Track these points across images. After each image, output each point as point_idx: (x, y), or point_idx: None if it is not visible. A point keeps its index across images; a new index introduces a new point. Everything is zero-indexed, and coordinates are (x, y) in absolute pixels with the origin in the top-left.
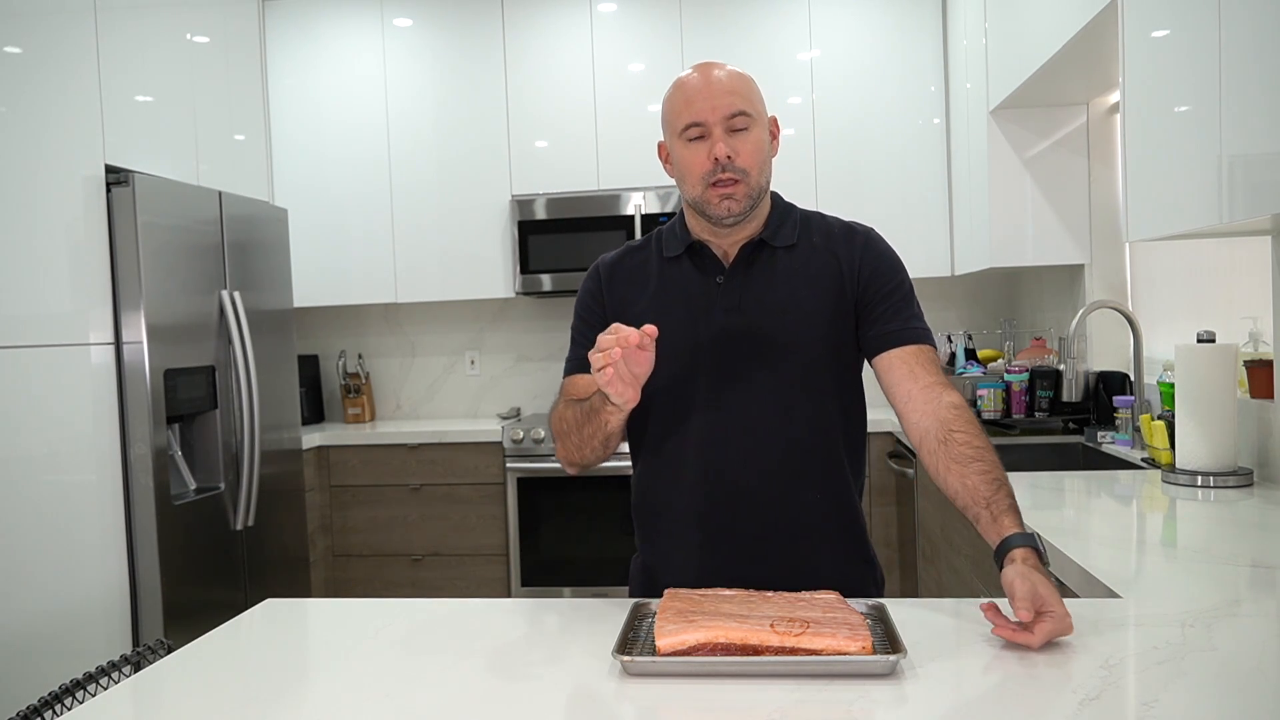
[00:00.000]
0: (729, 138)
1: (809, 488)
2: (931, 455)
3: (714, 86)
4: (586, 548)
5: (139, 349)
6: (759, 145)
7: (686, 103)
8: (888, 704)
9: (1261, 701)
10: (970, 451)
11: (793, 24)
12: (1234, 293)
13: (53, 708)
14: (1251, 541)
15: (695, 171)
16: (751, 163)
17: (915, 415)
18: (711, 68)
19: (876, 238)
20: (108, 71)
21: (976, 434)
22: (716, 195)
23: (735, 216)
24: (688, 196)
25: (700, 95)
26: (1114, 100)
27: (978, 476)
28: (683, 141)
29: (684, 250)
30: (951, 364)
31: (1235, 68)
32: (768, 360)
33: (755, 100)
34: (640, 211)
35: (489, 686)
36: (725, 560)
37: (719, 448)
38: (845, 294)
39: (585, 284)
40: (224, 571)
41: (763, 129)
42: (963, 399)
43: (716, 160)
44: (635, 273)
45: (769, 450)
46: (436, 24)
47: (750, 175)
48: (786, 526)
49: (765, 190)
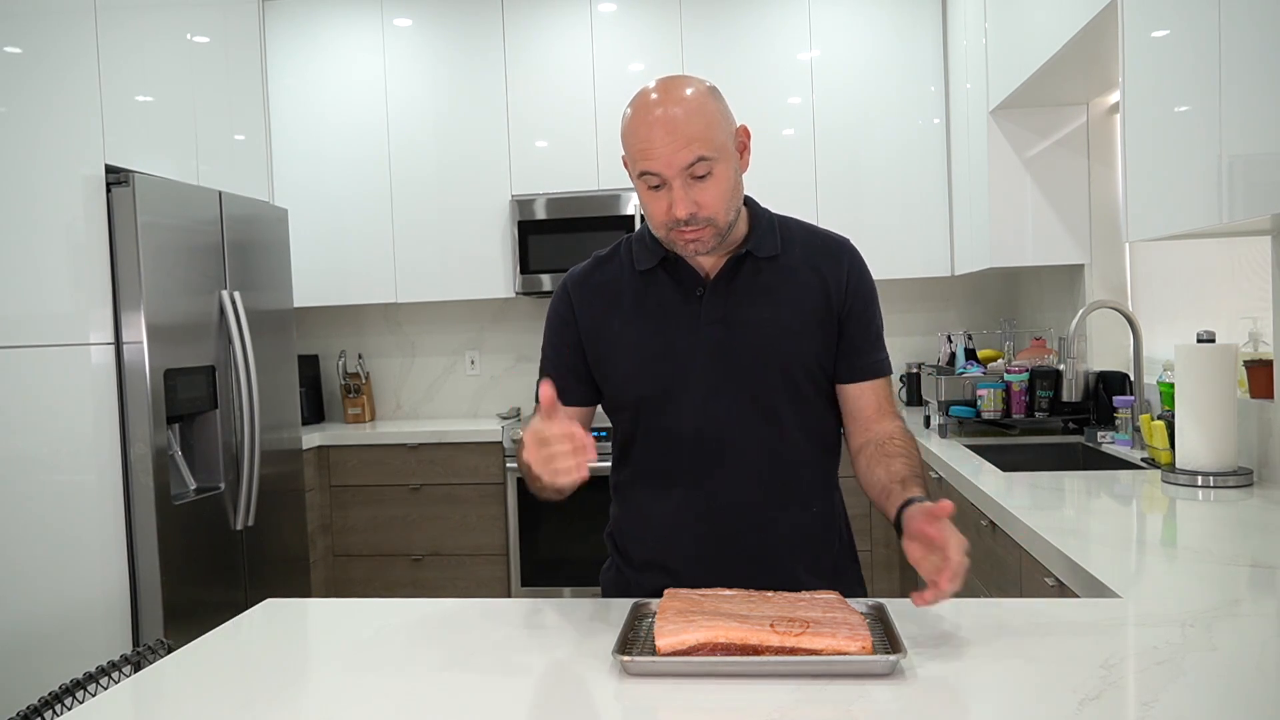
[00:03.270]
0: (689, 188)
1: (797, 499)
2: (867, 458)
3: (672, 134)
4: (586, 548)
5: (139, 349)
6: (723, 188)
7: (643, 153)
8: (888, 704)
9: (1261, 701)
10: (899, 450)
11: (792, 24)
12: (1234, 293)
13: (53, 708)
14: (1251, 541)
15: (657, 218)
16: (716, 208)
17: (868, 434)
18: (668, 101)
19: (860, 258)
20: (108, 71)
21: (912, 448)
22: (682, 239)
23: (705, 253)
24: (654, 232)
25: (656, 144)
26: (1114, 100)
27: (901, 464)
28: (643, 184)
29: (657, 263)
30: (951, 364)
31: (1235, 68)
32: (753, 372)
33: (717, 132)
34: (640, 211)
35: (489, 686)
36: (710, 573)
37: (704, 462)
38: (830, 309)
39: (555, 305)
40: (224, 571)
41: (727, 163)
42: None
43: (677, 218)
44: (606, 288)
45: (756, 463)
46: (436, 24)
47: (717, 219)
48: (774, 539)
49: (736, 219)
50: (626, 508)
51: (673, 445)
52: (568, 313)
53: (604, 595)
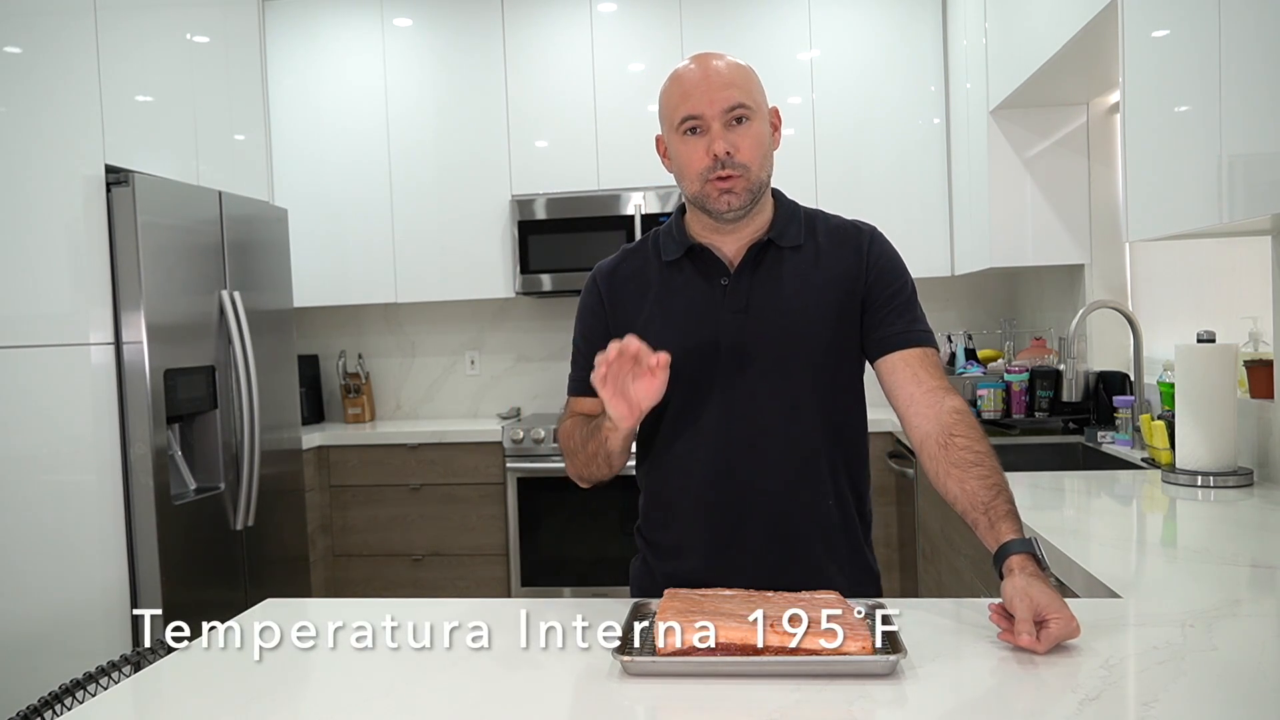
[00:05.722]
0: (728, 132)
1: (818, 487)
2: (931, 460)
3: (712, 79)
4: (586, 548)
5: (139, 349)
6: (759, 138)
7: (683, 96)
8: (888, 704)
9: (1261, 701)
10: (970, 456)
11: (793, 24)
12: (1234, 293)
13: (53, 708)
14: (1251, 541)
15: (694, 167)
16: (752, 156)
17: (917, 419)
18: (709, 59)
19: (881, 237)
20: (108, 71)
21: (978, 439)
22: (716, 190)
23: (736, 211)
24: (687, 192)
25: (698, 88)
26: (1114, 100)
27: (976, 481)
28: (680, 135)
29: (684, 253)
30: (951, 364)
31: (1235, 68)
32: (777, 361)
33: (755, 92)
34: (640, 211)
35: (489, 686)
36: (733, 560)
37: (729, 449)
38: (853, 294)
39: (584, 297)
40: (224, 571)
41: (763, 121)
42: (965, 403)
43: (715, 156)
44: (634, 279)
45: (779, 450)
46: (436, 24)
47: (751, 170)
48: (796, 526)
49: (767, 184)
50: (652, 497)
51: (697, 434)
52: (597, 304)
53: (630, 587)
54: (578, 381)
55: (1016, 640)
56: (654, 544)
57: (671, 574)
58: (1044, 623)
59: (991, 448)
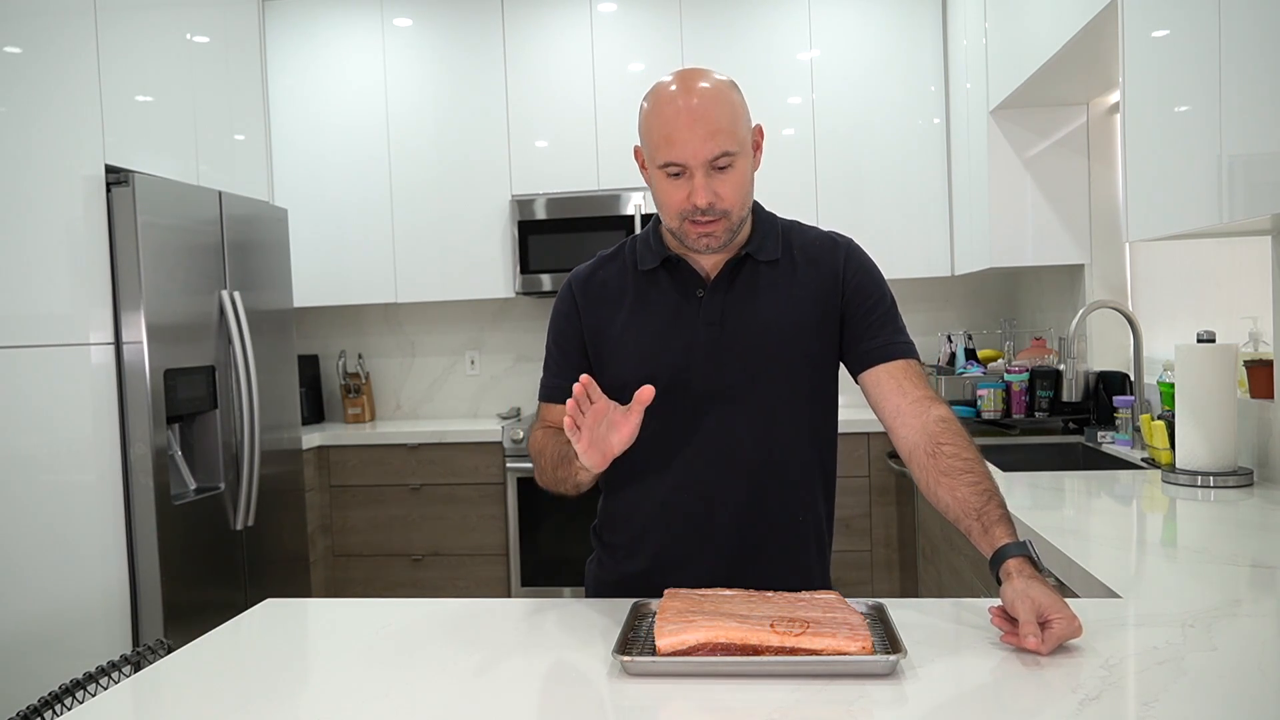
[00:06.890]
0: (710, 180)
1: (787, 500)
2: (921, 469)
3: (697, 125)
4: (586, 548)
5: (139, 349)
6: (742, 180)
7: (666, 140)
8: (888, 704)
9: (1261, 701)
10: (959, 464)
11: (793, 24)
12: (1234, 293)
13: (53, 708)
14: (1251, 541)
15: (674, 206)
16: (734, 201)
17: (904, 430)
18: (692, 87)
19: (858, 250)
20: (107, 71)
21: (965, 446)
22: (695, 231)
23: (714, 250)
24: (665, 223)
25: (680, 134)
26: (1114, 100)
27: (967, 488)
28: (661, 174)
29: (659, 264)
30: (951, 364)
31: (1235, 68)
32: (750, 375)
33: (740, 127)
34: (640, 211)
35: (489, 686)
36: (688, 563)
37: (698, 460)
38: (829, 308)
39: (558, 303)
40: (224, 571)
41: (747, 159)
42: (951, 411)
43: (697, 206)
44: (609, 286)
45: (750, 464)
46: (436, 24)
47: (732, 213)
48: (766, 540)
49: (747, 217)
50: (614, 499)
51: (667, 443)
52: (571, 310)
53: (586, 587)
54: (550, 388)
55: (1022, 643)
56: (608, 545)
57: (622, 578)
58: (1047, 623)
59: (980, 454)
